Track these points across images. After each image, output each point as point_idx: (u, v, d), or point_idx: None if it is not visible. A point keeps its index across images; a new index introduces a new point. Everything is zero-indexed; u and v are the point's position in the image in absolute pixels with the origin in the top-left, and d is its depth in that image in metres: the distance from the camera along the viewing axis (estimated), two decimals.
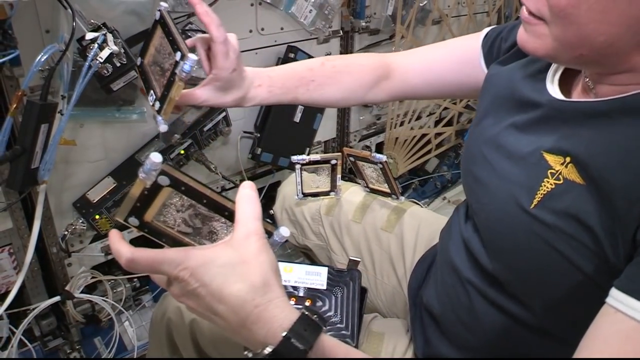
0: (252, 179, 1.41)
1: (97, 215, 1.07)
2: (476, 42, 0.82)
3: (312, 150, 1.51)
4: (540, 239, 0.55)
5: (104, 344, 1.24)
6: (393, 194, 1.00)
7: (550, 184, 0.56)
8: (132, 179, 1.08)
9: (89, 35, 0.87)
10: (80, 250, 1.12)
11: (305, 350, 0.44)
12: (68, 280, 1.11)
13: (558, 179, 0.55)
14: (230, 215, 0.49)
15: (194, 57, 0.62)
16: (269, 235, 0.49)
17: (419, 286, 0.83)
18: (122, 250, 0.45)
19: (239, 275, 0.45)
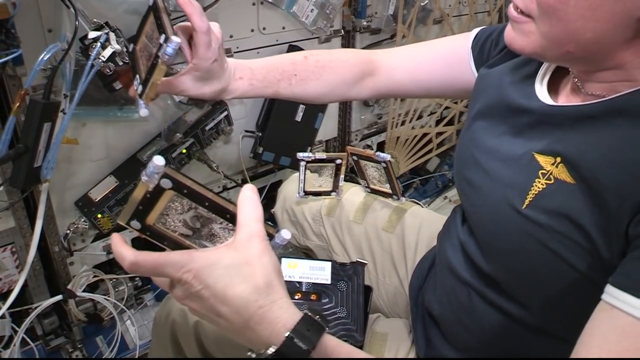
0: (254, 178, 1.42)
1: (99, 214, 1.07)
2: (466, 43, 0.81)
3: (314, 150, 1.51)
4: (534, 239, 0.56)
5: (105, 342, 1.24)
6: (394, 195, 1.00)
7: (542, 184, 0.56)
8: (134, 178, 1.10)
9: (91, 34, 0.87)
10: (82, 249, 1.13)
11: (308, 350, 0.45)
12: (70, 279, 1.11)
13: (549, 179, 0.56)
14: (232, 218, 0.49)
15: (176, 40, 0.60)
16: (270, 237, 0.50)
17: (420, 286, 0.83)
18: (125, 253, 0.46)
19: (242, 276, 0.45)
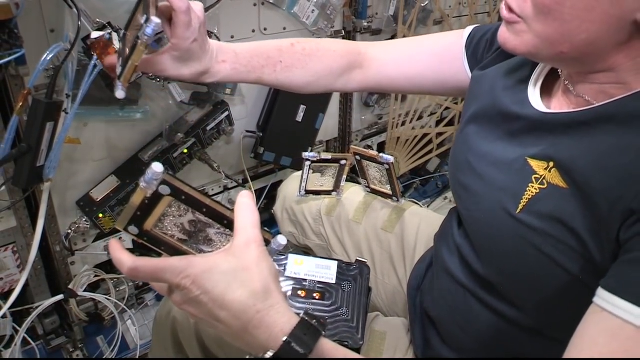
0: (255, 178, 1.42)
1: (101, 214, 1.08)
2: (459, 41, 0.81)
3: (314, 150, 1.51)
4: (528, 242, 0.56)
5: (106, 342, 1.24)
6: (394, 196, 1.00)
7: (535, 189, 0.57)
8: (136, 178, 1.10)
9: (94, 34, 0.87)
10: (83, 248, 1.13)
11: (305, 354, 0.45)
12: (71, 279, 1.11)
13: (542, 183, 0.56)
14: (229, 224, 0.50)
15: (156, 21, 0.59)
16: (267, 243, 0.51)
17: (418, 286, 0.83)
18: (124, 259, 0.46)
19: (240, 281, 0.46)
